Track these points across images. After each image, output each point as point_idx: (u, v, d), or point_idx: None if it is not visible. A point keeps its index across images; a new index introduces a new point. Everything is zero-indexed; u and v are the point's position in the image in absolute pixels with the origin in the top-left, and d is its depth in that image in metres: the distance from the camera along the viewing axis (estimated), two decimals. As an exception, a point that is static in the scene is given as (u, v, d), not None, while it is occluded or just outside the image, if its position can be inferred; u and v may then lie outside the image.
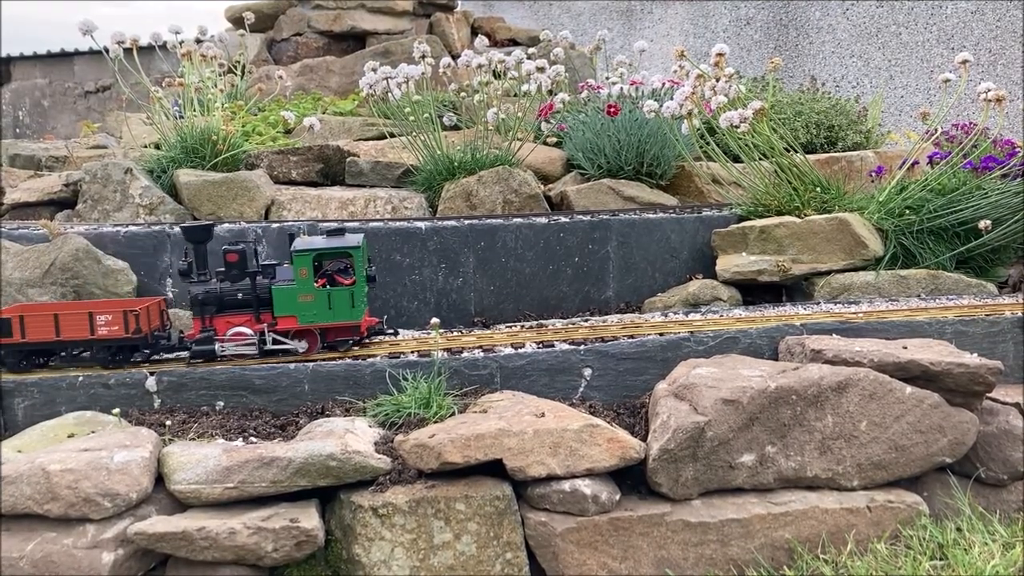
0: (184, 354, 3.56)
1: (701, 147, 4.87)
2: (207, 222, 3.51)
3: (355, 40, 8.17)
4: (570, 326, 3.91)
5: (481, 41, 6.01)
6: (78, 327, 3.42)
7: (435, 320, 3.53)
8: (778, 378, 3.14)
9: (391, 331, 3.79)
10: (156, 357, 3.59)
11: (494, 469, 2.96)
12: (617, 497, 2.99)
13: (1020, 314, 3.68)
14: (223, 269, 3.53)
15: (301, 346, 3.53)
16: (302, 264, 3.47)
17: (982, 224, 4.23)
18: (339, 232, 3.60)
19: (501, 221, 4.34)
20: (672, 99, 4.68)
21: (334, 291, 3.48)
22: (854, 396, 3.15)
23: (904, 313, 3.80)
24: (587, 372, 3.50)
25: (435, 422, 3.16)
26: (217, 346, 3.48)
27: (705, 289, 4.26)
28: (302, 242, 3.54)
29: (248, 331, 3.49)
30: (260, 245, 4.12)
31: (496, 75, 5.45)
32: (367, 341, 3.70)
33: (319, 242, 3.53)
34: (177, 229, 4.16)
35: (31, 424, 3.24)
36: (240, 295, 3.51)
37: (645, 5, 11.55)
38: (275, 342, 3.51)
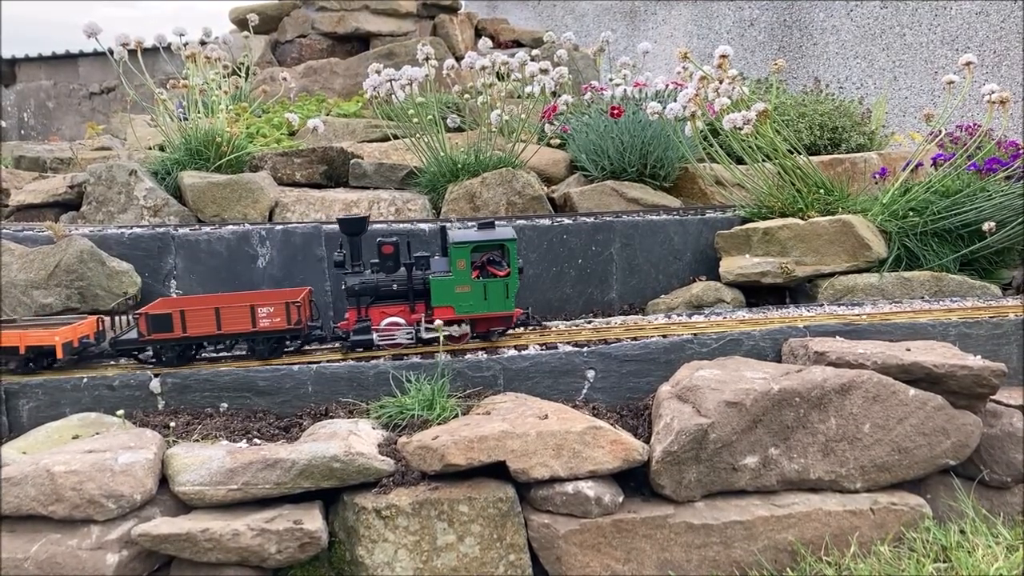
0: (332, 344, 3.67)
1: (704, 149, 4.87)
2: (362, 215, 3.62)
3: (359, 42, 8.18)
4: (573, 328, 3.91)
5: (485, 43, 6.01)
6: (240, 320, 3.47)
7: (438, 322, 3.53)
8: (781, 380, 3.14)
9: (536, 321, 3.88)
10: (307, 348, 3.67)
11: (497, 471, 2.96)
12: (620, 499, 3.00)
13: (1024, 316, 3.68)
14: (377, 260, 3.61)
15: (455, 332, 3.61)
16: (460, 256, 3.54)
17: (986, 226, 4.22)
18: (490, 225, 3.67)
19: (504, 223, 4.34)
20: (676, 101, 4.69)
21: (490, 282, 3.56)
22: (857, 398, 3.15)
23: (908, 315, 3.79)
24: (590, 374, 3.50)
25: (438, 424, 3.17)
26: (375, 336, 3.56)
27: (708, 291, 4.26)
28: (458, 234, 3.61)
29: (402, 321, 3.57)
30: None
31: (500, 77, 5.46)
32: (513, 332, 3.77)
33: (474, 234, 3.60)
34: (182, 231, 4.17)
35: (36, 425, 3.25)
36: (395, 286, 3.59)
37: (649, 6, 11.55)
38: (429, 332, 3.58)
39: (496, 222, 3.72)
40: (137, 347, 3.48)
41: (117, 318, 3.79)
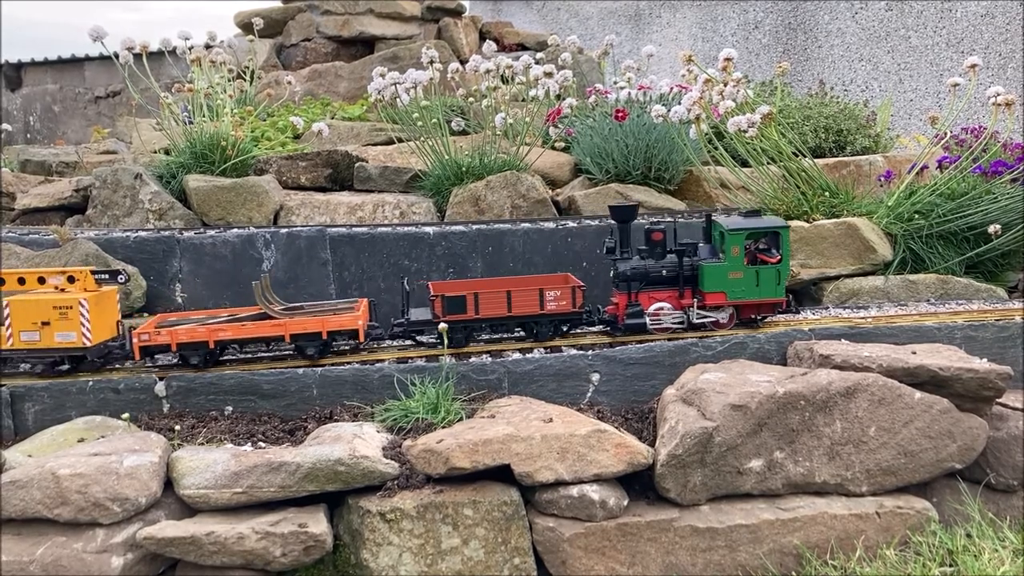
0: (598, 328, 3.78)
1: (709, 152, 4.86)
2: (632, 203, 3.77)
3: (364, 45, 8.19)
4: (578, 331, 3.90)
5: (489, 46, 6.02)
6: (529, 303, 3.60)
7: (443, 325, 3.53)
8: (786, 383, 3.13)
9: (794, 308, 3.95)
10: (575, 332, 3.78)
11: (502, 474, 2.96)
12: (625, 502, 2.99)
13: (1030, 319, 3.67)
14: (646, 247, 3.71)
15: (722, 316, 3.68)
16: (735, 243, 3.61)
17: (991, 229, 4.21)
18: (755, 213, 3.75)
19: (509, 226, 4.34)
20: (680, 104, 4.68)
21: (762, 269, 3.62)
22: (863, 401, 3.14)
23: (913, 318, 3.79)
24: (595, 377, 3.50)
25: (443, 427, 3.17)
26: (648, 320, 3.66)
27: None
28: (731, 222, 3.68)
29: (669, 306, 3.67)
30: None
31: (504, 80, 5.46)
32: (771, 320, 3.82)
33: (747, 222, 3.67)
34: (187, 234, 4.18)
35: (41, 428, 3.26)
36: (664, 272, 3.68)
37: (654, 9, 11.55)
38: (700, 317, 3.67)
39: (761, 211, 3.83)
40: (422, 328, 3.64)
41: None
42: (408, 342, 3.74)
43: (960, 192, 4.43)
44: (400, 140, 5.65)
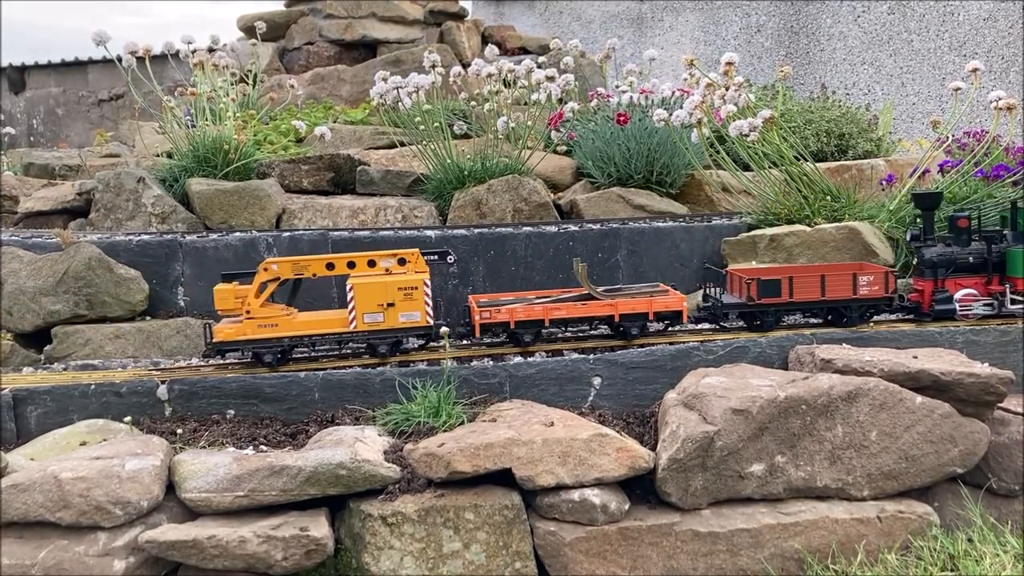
0: (897, 315, 3.85)
1: (711, 156, 4.87)
2: (937, 191, 3.86)
3: (366, 49, 8.20)
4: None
5: (491, 50, 6.03)
6: (842, 287, 3.69)
7: (444, 328, 3.54)
8: (788, 388, 3.14)
9: None
10: (880, 318, 3.85)
11: (503, 478, 2.96)
12: (626, 506, 2.99)
13: (1032, 323, 3.67)
14: (950, 234, 3.79)
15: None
16: None
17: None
18: None
19: (511, 230, 4.35)
20: (682, 108, 4.69)
21: None
22: (864, 406, 3.14)
23: (915, 322, 3.79)
24: (596, 381, 3.50)
25: (444, 431, 3.17)
26: (957, 306, 3.72)
27: (715, 298, 4.25)
28: None
29: (976, 292, 3.73)
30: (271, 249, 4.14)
31: (506, 84, 5.47)
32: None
33: None
34: (189, 238, 4.19)
35: (44, 432, 3.27)
36: (971, 258, 3.75)
37: (656, 13, 11.56)
38: (1013, 303, 3.72)
39: None
40: (733, 311, 3.73)
41: None
42: (703, 326, 3.88)
43: (962, 196, 4.43)
44: (402, 144, 5.66)
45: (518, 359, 3.55)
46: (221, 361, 3.61)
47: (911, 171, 4.80)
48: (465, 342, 3.74)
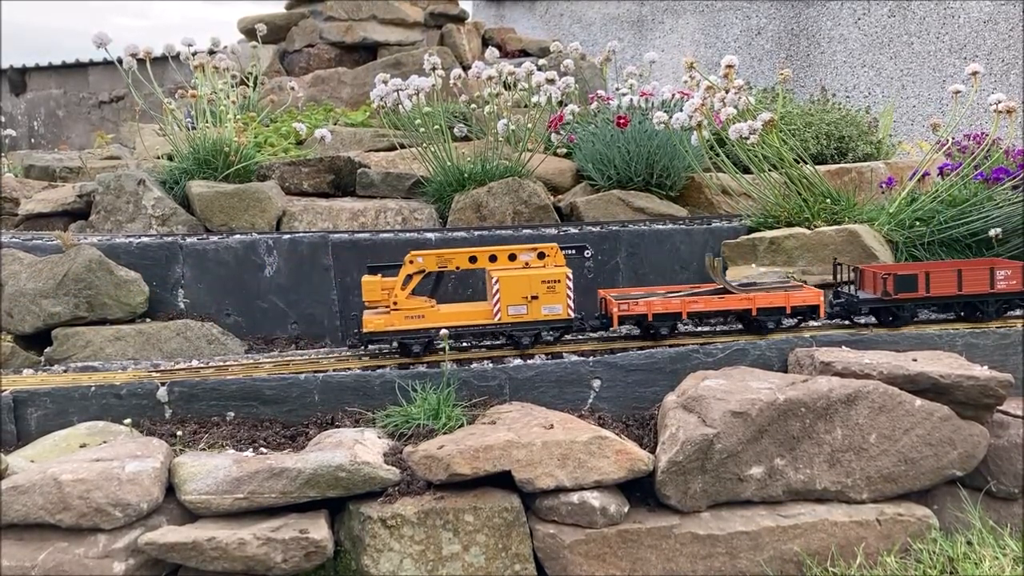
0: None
1: (711, 158, 4.87)
2: None
3: (367, 51, 8.21)
4: (579, 337, 3.91)
5: (492, 52, 6.04)
6: (979, 281, 3.69)
7: (444, 331, 3.54)
8: (787, 390, 3.14)
9: None
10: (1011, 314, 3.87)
11: (503, 481, 2.96)
12: (626, 509, 3.00)
13: (1032, 326, 3.67)
14: None
15: None
16: None
17: (992, 232, 4.21)
18: None
19: (511, 232, 4.36)
20: (682, 110, 4.69)
21: None
22: (863, 409, 3.14)
23: (914, 325, 3.79)
24: (596, 383, 3.51)
25: (444, 433, 3.17)
26: None
27: (715, 300, 4.25)
28: None
29: None
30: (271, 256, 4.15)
31: (507, 86, 5.48)
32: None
33: None
34: (189, 240, 4.20)
35: (44, 434, 3.27)
36: None
37: (656, 15, 11.57)
38: None
39: None
40: (867, 307, 3.74)
41: None
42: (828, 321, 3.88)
43: (962, 199, 4.43)
44: (403, 146, 5.67)
45: (517, 361, 3.55)
46: (363, 351, 3.70)
47: (911, 174, 4.80)
48: (602, 334, 3.83)
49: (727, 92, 4.66)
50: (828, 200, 4.60)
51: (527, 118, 5.54)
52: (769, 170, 4.73)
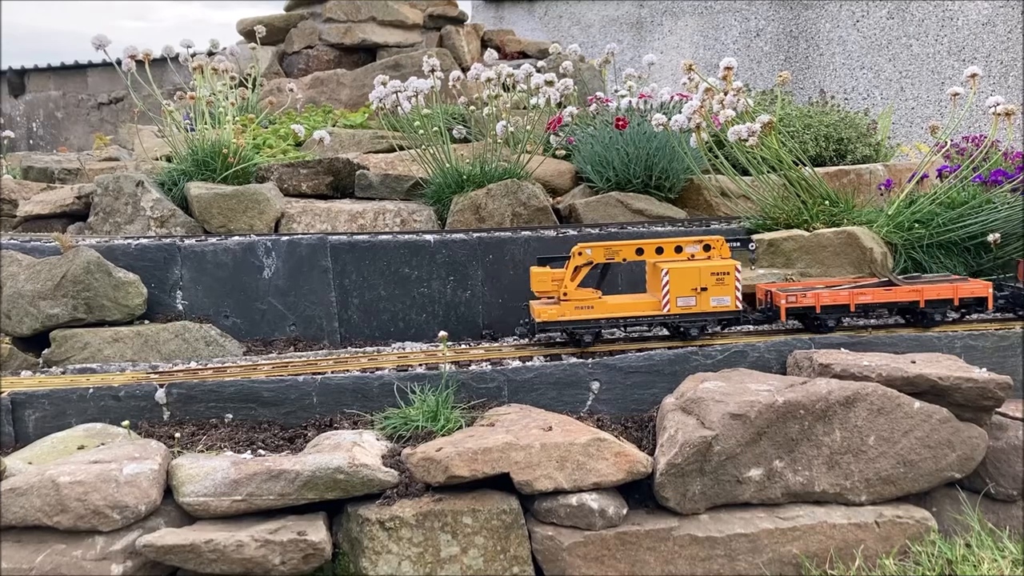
0: None
1: (710, 160, 4.87)
2: None
3: (366, 53, 8.21)
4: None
5: (491, 54, 6.03)
6: None
7: (443, 333, 3.54)
8: (786, 392, 3.14)
9: None
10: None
11: (501, 483, 2.96)
12: (624, 511, 2.99)
13: (1031, 328, 3.68)
14: None
15: None
16: None
17: (991, 237, 4.22)
18: None
19: (510, 234, 4.35)
20: (681, 113, 4.69)
21: None
22: (862, 411, 3.14)
23: (913, 327, 3.79)
24: (595, 385, 3.51)
25: (443, 435, 3.17)
26: None
27: (713, 302, 4.25)
28: None
29: None
30: (269, 258, 4.15)
31: (506, 88, 5.48)
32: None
33: None
34: (188, 242, 4.19)
35: (42, 436, 3.26)
36: None
37: (655, 17, 11.58)
38: None
39: None
40: None
41: None
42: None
43: (960, 201, 4.43)
44: (401, 148, 5.67)
45: (516, 363, 3.55)
46: (532, 341, 3.79)
47: (910, 176, 4.80)
48: (767, 326, 3.87)
49: (726, 94, 4.66)
50: (827, 202, 4.60)
51: (526, 120, 5.54)
52: (768, 172, 4.73)
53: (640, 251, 3.64)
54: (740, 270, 3.63)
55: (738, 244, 3.77)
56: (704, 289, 3.60)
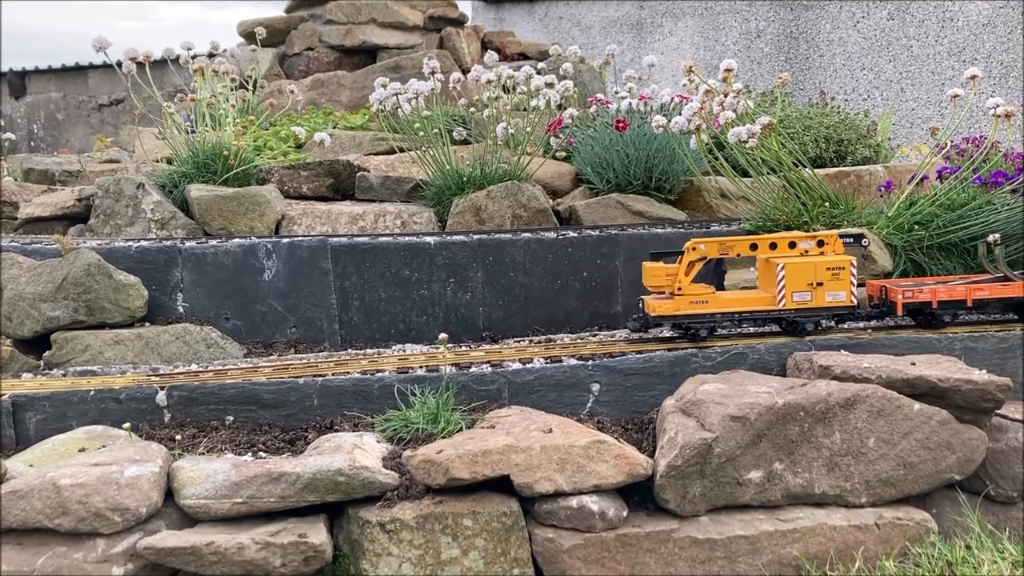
0: None
1: (710, 162, 4.87)
2: None
3: (366, 54, 8.21)
4: (578, 341, 3.91)
5: (491, 56, 6.04)
6: None
7: (443, 335, 3.55)
8: (786, 394, 3.14)
9: None
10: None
11: (502, 485, 2.96)
12: (624, 513, 3.00)
13: (1031, 330, 3.68)
14: None
15: None
16: None
17: (991, 238, 4.21)
18: None
19: (510, 236, 4.36)
20: (681, 114, 4.69)
21: None
22: (862, 413, 3.15)
23: (913, 329, 3.79)
24: (595, 387, 3.51)
25: (443, 437, 3.17)
26: None
27: (714, 304, 4.25)
28: None
29: None
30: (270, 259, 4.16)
31: (506, 90, 5.48)
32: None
33: None
34: (188, 244, 4.20)
35: (42, 438, 3.27)
36: None
37: (655, 18, 11.58)
38: None
39: None
40: None
41: None
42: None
43: (960, 203, 4.43)
44: (402, 150, 5.67)
45: (517, 365, 3.55)
46: (647, 335, 3.85)
47: (910, 177, 4.80)
48: (878, 321, 3.93)
49: (726, 96, 4.66)
50: (827, 203, 4.60)
51: (526, 122, 5.54)
52: (768, 173, 4.73)
53: (754, 247, 3.70)
54: (855, 265, 3.68)
55: (851, 240, 3.81)
56: (820, 284, 3.65)
